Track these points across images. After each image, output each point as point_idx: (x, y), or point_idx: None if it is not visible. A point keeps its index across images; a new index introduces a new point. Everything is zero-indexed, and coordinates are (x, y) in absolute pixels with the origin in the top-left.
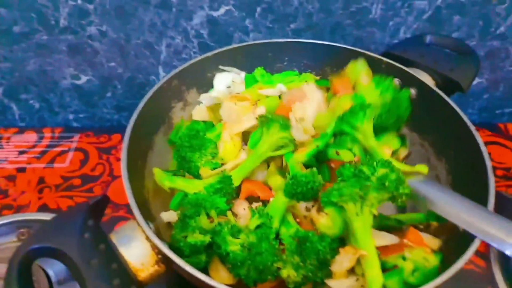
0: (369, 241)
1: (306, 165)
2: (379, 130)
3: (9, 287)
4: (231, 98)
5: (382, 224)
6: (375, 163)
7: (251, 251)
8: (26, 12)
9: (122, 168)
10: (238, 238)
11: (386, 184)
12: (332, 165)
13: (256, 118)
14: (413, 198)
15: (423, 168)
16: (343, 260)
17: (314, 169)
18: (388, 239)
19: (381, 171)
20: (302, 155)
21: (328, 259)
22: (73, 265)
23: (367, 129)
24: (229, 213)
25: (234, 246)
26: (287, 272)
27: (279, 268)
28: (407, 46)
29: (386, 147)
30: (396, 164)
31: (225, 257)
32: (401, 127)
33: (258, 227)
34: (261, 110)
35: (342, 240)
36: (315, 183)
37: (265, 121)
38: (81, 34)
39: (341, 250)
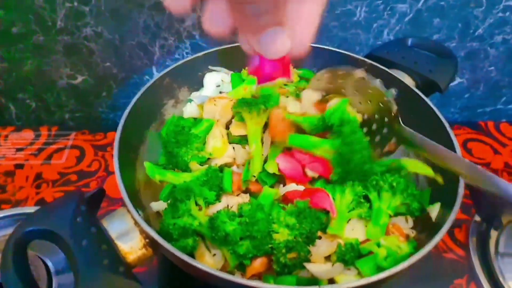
0: None
1: None
2: None
3: (5, 266)
4: (209, 101)
5: None
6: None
7: (248, 223)
8: (24, 14)
9: (114, 159)
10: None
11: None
12: None
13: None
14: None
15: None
16: (322, 245)
17: None
18: None
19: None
20: None
21: (316, 235)
22: (65, 246)
23: None
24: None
25: (232, 226)
26: (281, 234)
27: (272, 239)
28: (389, 48)
29: None
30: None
31: (225, 238)
32: None
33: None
34: None
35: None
36: None
37: None
38: (77, 35)
39: (322, 234)
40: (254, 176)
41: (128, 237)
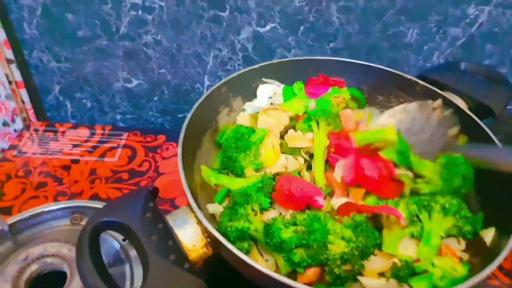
0: None
1: None
2: None
3: (80, 254)
4: (263, 112)
5: None
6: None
7: (305, 232)
8: (91, 19)
9: (179, 161)
10: (289, 228)
11: (447, 207)
12: None
13: None
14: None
15: None
16: (377, 261)
17: None
18: None
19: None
20: None
21: (371, 250)
22: (136, 239)
23: None
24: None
25: (288, 233)
26: (337, 245)
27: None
28: (442, 71)
29: None
30: None
31: (280, 244)
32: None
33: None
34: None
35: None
36: None
37: None
38: (137, 42)
39: (377, 252)
40: None
41: (191, 235)
